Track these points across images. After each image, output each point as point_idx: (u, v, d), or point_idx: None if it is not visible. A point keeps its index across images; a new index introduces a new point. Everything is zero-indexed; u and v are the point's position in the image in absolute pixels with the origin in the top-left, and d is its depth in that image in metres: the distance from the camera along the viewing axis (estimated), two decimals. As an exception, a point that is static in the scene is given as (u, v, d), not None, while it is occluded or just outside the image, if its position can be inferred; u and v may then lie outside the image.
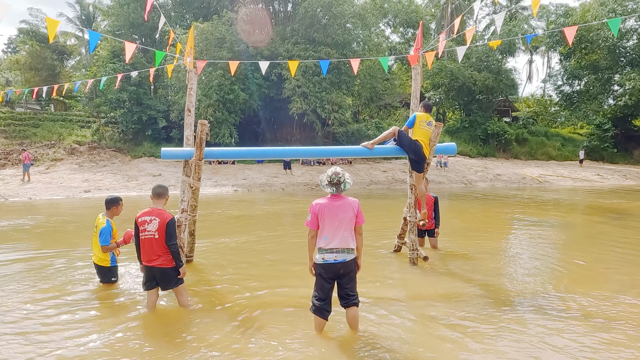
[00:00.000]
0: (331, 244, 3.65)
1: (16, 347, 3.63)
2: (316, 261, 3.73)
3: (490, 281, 5.45)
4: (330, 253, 3.65)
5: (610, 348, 3.65)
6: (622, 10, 26.90)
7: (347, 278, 3.73)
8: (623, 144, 32.97)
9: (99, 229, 4.93)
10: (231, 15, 23.88)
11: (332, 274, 3.69)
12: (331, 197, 3.76)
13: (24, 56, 31.49)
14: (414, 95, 6.67)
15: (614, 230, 9.40)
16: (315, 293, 3.78)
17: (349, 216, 3.69)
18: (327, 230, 3.67)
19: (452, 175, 22.98)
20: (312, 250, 3.81)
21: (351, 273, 3.75)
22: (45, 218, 10.66)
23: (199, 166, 5.75)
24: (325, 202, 3.72)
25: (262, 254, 6.99)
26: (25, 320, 4.17)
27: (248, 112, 24.67)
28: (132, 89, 23.76)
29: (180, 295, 4.42)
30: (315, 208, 3.71)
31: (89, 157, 22.85)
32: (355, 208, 3.75)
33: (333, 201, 3.72)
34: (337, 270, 3.68)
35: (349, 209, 3.71)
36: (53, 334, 3.89)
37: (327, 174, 3.76)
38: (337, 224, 3.66)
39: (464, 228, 9.44)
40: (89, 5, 36.17)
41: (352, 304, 3.77)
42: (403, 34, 37.76)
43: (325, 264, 3.66)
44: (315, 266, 3.76)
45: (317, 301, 3.75)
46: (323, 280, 3.71)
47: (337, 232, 3.66)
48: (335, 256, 3.65)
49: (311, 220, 3.72)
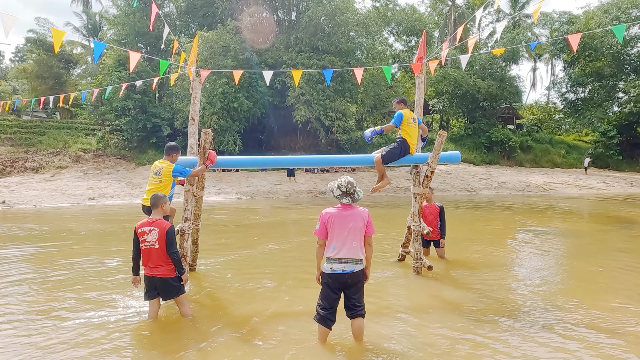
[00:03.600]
0: (340, 253, 3.61)
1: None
2: (324, 270, 3.68)
3: (495, 292, 5.38)
4: (339, 263, 3.61)
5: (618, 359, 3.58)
6: (626, 18, 26.90)
7: (355, 289, 3.67)
8: (628, 152, 32.76)
9: (170, 170, 5.18)
10: (236, 24, 24.07)
11: (340, 284, 3.64)
12: (342, 206, 3.71)
13: (31, 65, 31.88)
14: (417, 103, 6.67)
15: (620, 239, 9.29)
16: (321, 302, 3.72)
17: (359, 226, 3.65)
18: (336, 239, 3.63)
19: (457, 182, 22.89)
20: (320, 259, 3.78)
21: (359, 284, 3.69)
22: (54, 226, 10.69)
23: (202, 175, 5.75)
24: (335, 212, 3.67)
25: (267, 263, 6.96)
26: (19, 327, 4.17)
27: (252, 119, 24.77)
28: (137, 97, 23.94)
29: (182, 305, 4.40)
30: (325, 217, 3.67)
31: (93, 165, 22.98)
32: (366, 218, 3.69)
33: (343, 210, 3.68)
34: (345, 281, 3.62)
35: (359, 219, 3.66)
36: (55, 345, 3.87)
37: (340, 183, 3.69)
38: (346, 234, 3.61)
39: (469, 237, 9.37)
40: (95, 14, 36.64)
41: (358, 315, 3.71)
42: (406, 42, 37.88)
43: (333, 274, 3.61)
44: (323, 275, 3.71)
45: (321, 310, 3.70)
46: (330, 290, 3.66)
47: (346, 242, 3.61)
48: (344, 266, 3.60)
49: (320, 229, 3.68)
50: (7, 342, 3.90)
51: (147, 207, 4.99)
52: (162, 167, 5.22)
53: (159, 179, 5.20)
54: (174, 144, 5.55)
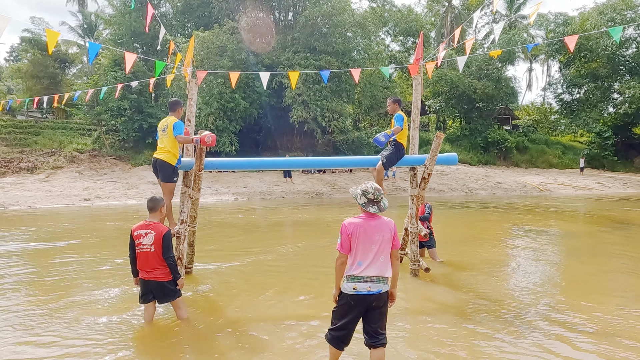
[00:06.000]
0: (366, 270, 3.09)
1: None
2: (345, 290, 3.13)
3: (492, 294, 5.38)
4: (364, 283, 3.09)
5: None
6: (621, 19, 27.05)
7: (379, 313, 3.16)
8: (623, 152, 32.99)
9: (172, 123, 5.24)
10: (232, 24, 24.02)
11: (363, 307, 3.13)
12: (366, 215, 3.18)
13: (25, 64, 31.63)
14: (414, 105, 6.66)
15: (616, 240, 9.33)
16: (336, 323, 3.19)
17: (387, 238, 3.15)
18: (361, 254, 3.11)
19: (453, 183, 22.94)
20: (340, 277, 3.21)
21: (384, 307, 3.18)
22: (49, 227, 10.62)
23: (198, 177, 5.72)
24: (360, 222, 3.14)
25: (266, 266, 6.91)
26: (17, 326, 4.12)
27: (249, 120, 24.72)
28: (133, 97, 23.83)
29: (178, 308, 4.37)
30: (349, 228, 3.12)
31: (89, 165, 22.84)
32: (393, 229, 3.20)
33: (369, 221, 3.15)
34: (370, 303, 3.11)
35: (386, 230, 3.15)
36: (51, 346, 3.83)
37: (366, 189, 3.17)
38: (374, 248, 3.11)
39: (466, 238, 9.38)
40: (91, 14, 36.44)
41: (379, 345, 3.15)
42: (403, 43, 37.96)
43: (356, 295, 3.08)
44: (342, 296, 3.17)
45: (335, 332, 3.20)
46: (349, 313, 3.14)
47: (374, 258, 3.11)
48: (370, 286, 3.08)
49: (343, 242, 3.13)
50: (1, 343, 3.86)
51: (153, 162, 5.46)
52: (167, 123, 5.34)
53: (166, 135, 5.35)
54: (176, 99, 5.67)
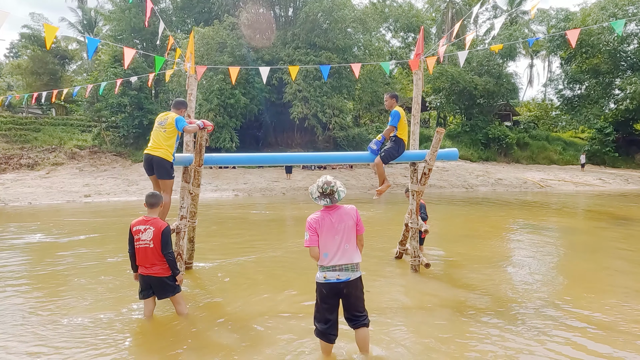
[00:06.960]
0: (333, 260, 3.27)
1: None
2: (317, 280, 3.34)
3: (492, 289, 5.37)
4: (333, 271, 3.27)
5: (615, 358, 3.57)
6: (623, 15, 26.91)
7: (353, 298, 3.34)
8: (625, 148, 32.92)
9: (174, 117, 5.20)
10: (232, 20, 23.93)
11: (335, 294, 3.32)
12: (325, 209, 3.36)
13: (25, 61, 31.56)
14: (415, 100, 6.65)
15: (617, 236, 9.32)
16: (317, 315, 3.39)
17: (349, 226, 3.31)
18: (326, 246, 3.28)
19: (454, 179, 22.91)
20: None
21: (357, 292, 3.36)
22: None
23: (198, 172, 5.71)
24: (321, 215, 3.32)
25: (267, 262, 6.90)
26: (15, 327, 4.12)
27: (249, 116, 24.67)
28: (133, 94, 23.79)
29: (178, 304, 4.37)
30: (312, 223, 3.30)
31: (89, 162, 22.85)
32: (355, 216, 3.36)
33: (329, 212, 3.33)
34: (340, 290, 3.30)
35: (347, 218, 3.32)
36: (50, 344, 3.83)
37: (317, 185, 3.36)
38: (337, 238, 3.28)
39: (466, 234, 9.37)
40: (90, 10, 36.31)
41: (361, 325, 3.39)
42: (404, 39, 37.81)
43: (327, 284, 3.29)
44: (316, 285, 3.38)
45: (319, 324, 3.38)
46: (325, 302, 3.34)
47: (339, 247, 3.27)
48: (339, 274, 3.26)
49: (310, 238, 3.28)
50: (1, 339, 3.86)
51: (148, 159, 5.28)
52: (167, 117, 5.26)
53: (162, 129, 5.25)
54: (182, 99, 5.60)
